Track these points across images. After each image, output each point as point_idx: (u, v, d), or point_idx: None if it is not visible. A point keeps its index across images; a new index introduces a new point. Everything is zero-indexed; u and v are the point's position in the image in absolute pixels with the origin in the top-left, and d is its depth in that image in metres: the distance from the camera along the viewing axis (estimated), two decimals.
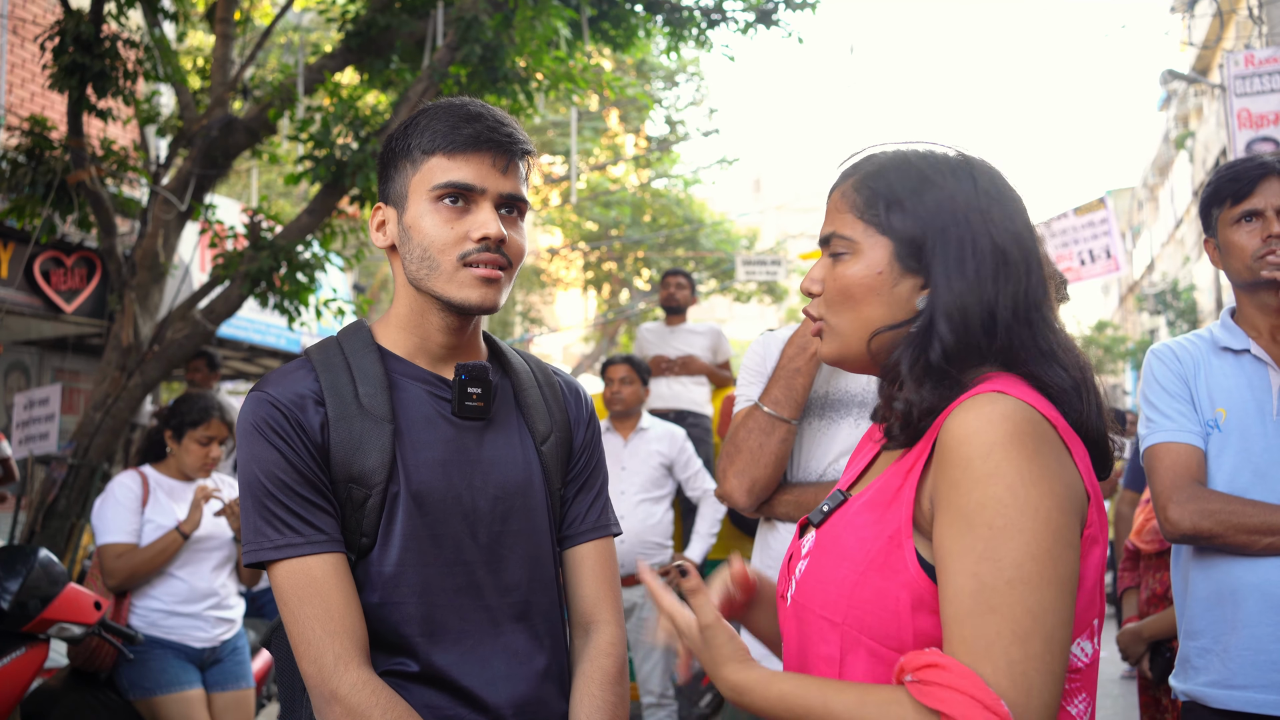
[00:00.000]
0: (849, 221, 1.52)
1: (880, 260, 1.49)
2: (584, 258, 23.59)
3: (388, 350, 1.87)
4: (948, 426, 1.38)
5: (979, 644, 1.27)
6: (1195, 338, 2.74)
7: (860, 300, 1.51)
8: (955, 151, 1.55)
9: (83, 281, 9.18)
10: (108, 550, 4.25)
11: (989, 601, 1.28)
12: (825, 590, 1.45)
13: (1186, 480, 2.53)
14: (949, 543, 1.33)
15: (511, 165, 1.82)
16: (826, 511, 1.56)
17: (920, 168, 1.51)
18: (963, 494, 1.33)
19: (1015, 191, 1.54)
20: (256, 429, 1.74)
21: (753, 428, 2.61)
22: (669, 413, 7.19)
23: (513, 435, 1.91)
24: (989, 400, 1.37)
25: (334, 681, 1.65)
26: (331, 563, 1.71)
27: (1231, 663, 2.45)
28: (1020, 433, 1.34)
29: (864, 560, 1.41)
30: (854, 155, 1.60)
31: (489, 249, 1.78)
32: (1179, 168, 27.27)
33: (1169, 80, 17.18)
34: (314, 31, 15.40)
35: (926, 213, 1.47)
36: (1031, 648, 1.27)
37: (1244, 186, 2.65)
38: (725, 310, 43.94)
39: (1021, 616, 1.28)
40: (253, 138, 7.65)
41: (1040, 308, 1.49)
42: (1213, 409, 2.59)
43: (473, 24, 6.91)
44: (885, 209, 1.49)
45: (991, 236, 1.46)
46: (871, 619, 1.39)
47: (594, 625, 1.96)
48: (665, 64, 21.07)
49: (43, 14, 9.39)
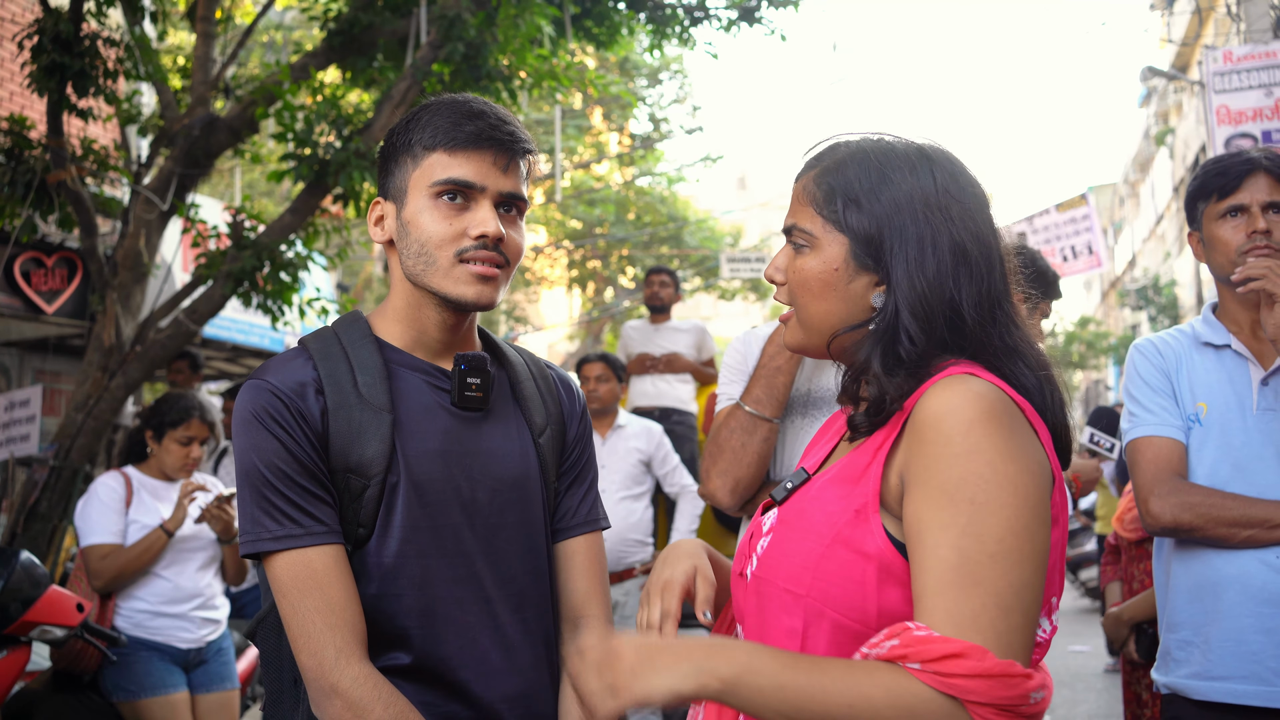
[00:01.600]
0: (809, 215, 1.55)
1: (836, 257, 1.52)
2: (568, 256, 23.56)
3: (385, 341, 1.87)
4: (922, 405, 1.40)
5: (964, 616, 1.29)
6: (1177, 333, 2.76)
7: (817, 294, 1.54)
8: (915, 144, 1.56)
9: (64, 282, 9.13)
10: (93, 551, 4.23)
11: (973, 575, 1.31)
12: (790, 563, 1.46)
13: (1168, 474, 2.56)
14: (928, 516, 1.35)
15: (512, 164, 1.83)
16: (790, 489, 1.57)
17: (880, 164, 1.52)
18: (943, 469, 1.35)
19: (977, 186, 1.55)
20: (256, 417, 1.72)
21: (735, 427, 2.60)
22: (654, 410, 7.20)
23: (510, 427, 1.92)
24: (962, 380, 1.40)
25: (335, 675, 1.65)
26: (332, 554, 1.70)
27: (1212, 654, 2.47)
28: (995, 411, 1.37)
29: (830, 534, 1.43)
30: (818, 145, 1.62)
31: (487, 246, 1.78)
32: (1160, 164, 27.39)
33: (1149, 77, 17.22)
34: (296, 30, 15.33)
35: (883, 211, 1.49)
36: (1014, 620, 1.30)
37: (1230, 181, 2.67)
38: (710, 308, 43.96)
39: (1004, 590, 1.30)
40: (235, 137, 7.61)
41: (1002, 304, 1.51)
42: (1194, 403, 2.62)
43: (455, 22, 6.89)
44: (843, 207, 1.51)
45: (950, 234, 1.48)
46: (836, 590, 1.41)
47: (585, 619, 1.97)
48: (649, 62, 21.05)
49: (21, 12, 9.34)
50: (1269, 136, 8.64)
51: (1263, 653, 2.41)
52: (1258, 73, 8.76)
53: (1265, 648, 2.41)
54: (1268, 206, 2.64)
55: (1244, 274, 2.50)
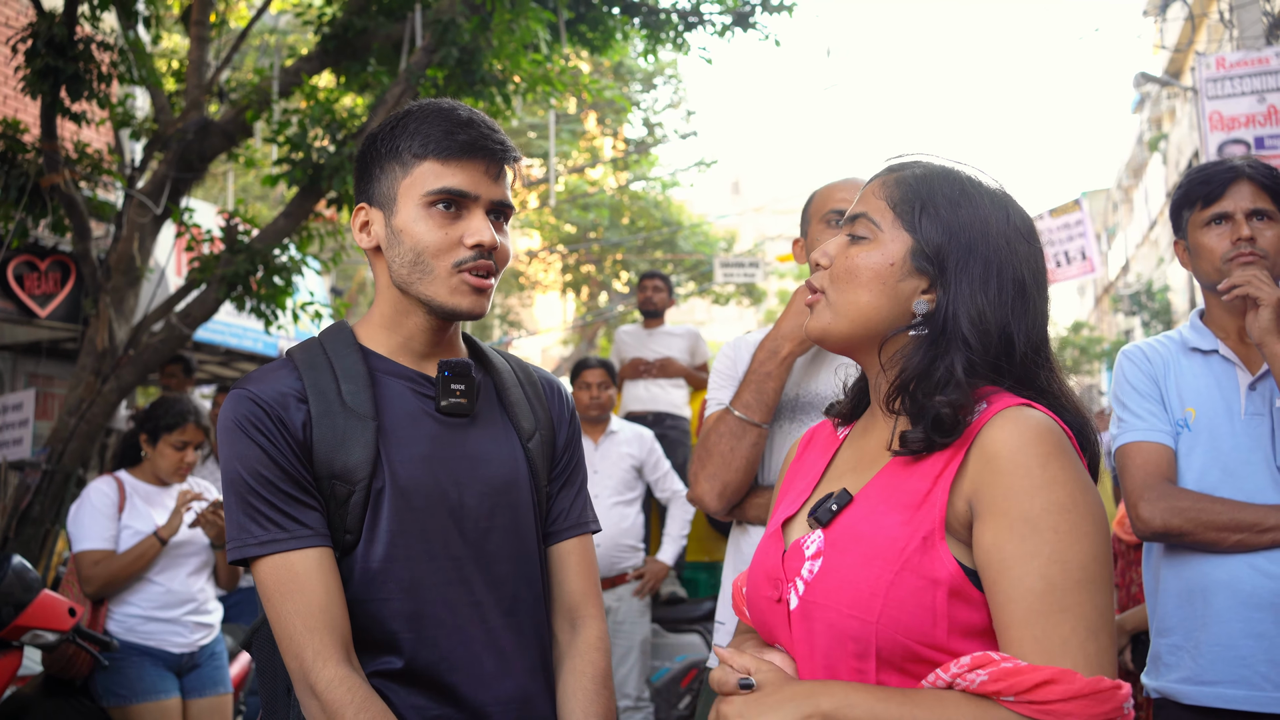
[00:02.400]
0: (880, 208, 1.59)
1: (896, 253, 1.56)
2: (562, 260, 23.56)
3: (370, 349, 1.88)
4: (993, 436, 1.44)
5: (1054, 642, 1.34)
6: (1165, 339, 2.78)
7: (864, 284, 1.56)
8: (997, 183, 1.63)
9: (57, 286, 9.11)
10: (85, 557, 4.22)
11: (1061, 602, 1.35)
12: (853, 590, 1.46)
13: (1157, 479, 2.57)
14: (1010, 547, 1.39)
15: (502, 172, 1.84)
16: (835, 510, 1.56)
17: (964, 184, 1.59)
18: (1024, 500, 1.39)
19: (1038, 240, 1.62)
20: (239, 426, 1.74)
21: (724, 432, 2.62)
22: (647, 415, 7.20)
23: (498, 432, 1.93)
24: (1028, 413, 1.45)
25: (312, 677, 1.66)
26: (314, 557, 1.71)
27: (1202, 659, 2.48)
28: (1063, 444, 1.43)
29: (898, 560, 1.44)
30: (906, 155, 1.68)
31: (482, 256, 1.80)
32: (1153, 169, 27.46)
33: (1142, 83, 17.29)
34: (290, 34, 15.32)
35: (957, 226, 1.55)
36: (1102, 641, 1.36)
37: (1214, 189, 2.69)
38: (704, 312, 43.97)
39: (1091, 614, 1.36)
40: (229, 140, 7.61)
41: (1045, 346, 1.58)
42: (1182, 408, 2.64)
43: (450, 26, 6.90)
44: (919, 209, 1.56)
45: (1014, 267, 1.54)
46: (907, 617, 1.42)
47: (580, 620, 1.98)
48: (643, 66, 21.05)
49: (15, 16, 9.33)
50: (1261, 142, 8.66)
51: (1252, 657, 2.41)
52: (1250, 79, 8.78)
53: (1255, 652, 2.41)
54: (1251, 214, 2.66)
55: (1228, 284, 2.53)
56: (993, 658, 1.34)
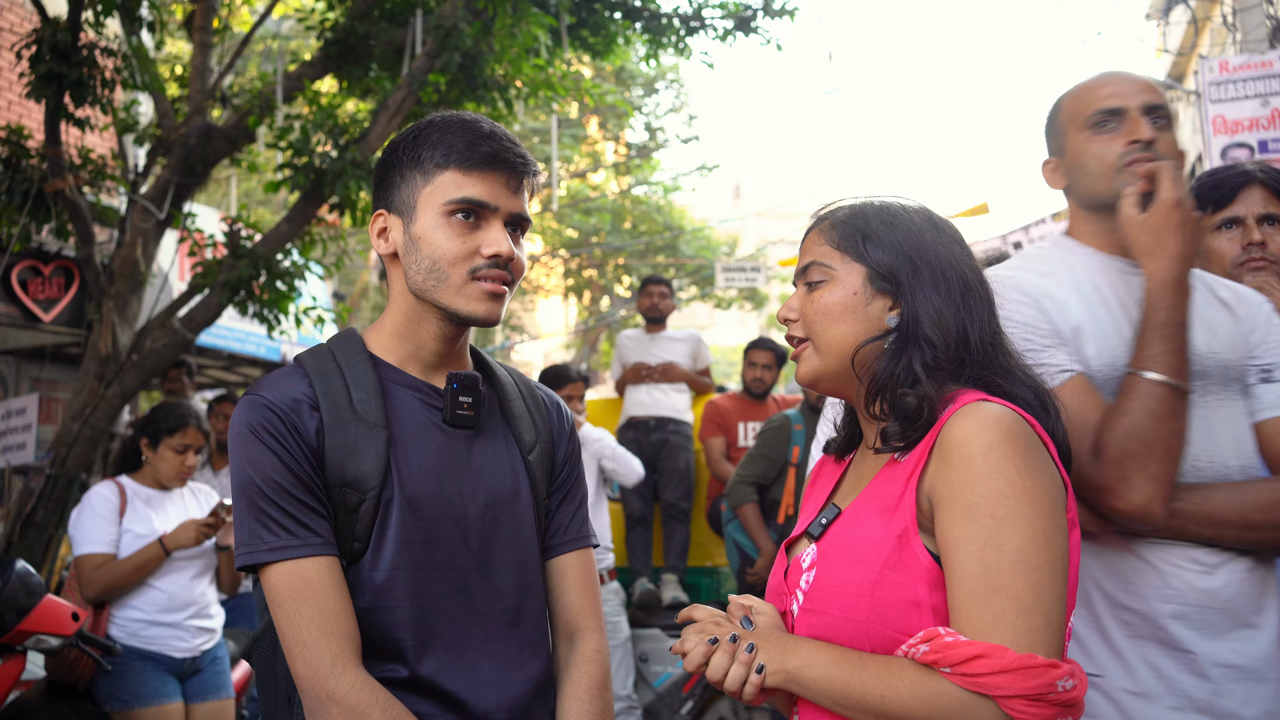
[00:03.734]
0: (826, 252, 1.74)
1: (855, 283, 1.71)
2: (564, 265, 23.57)
3: (379, 358, 1.89)
4: (947, 432, 1.56)
5: (986, 621, 1.45)
6: None
7: (838, 318, 1.70)
8: (916, 203, 1.78)
9: (61, 290, 9.13)
10: (86, 561, 4.23)
11: (995, 583, 1.47)
12: (844, 593, 1.59)
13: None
14: (955, 533, 1.51)
15: (521, 186, 1.87)
16: (825, 524, 1.70)
17: (888, 211, 1.75)
18: (966, 489, 1.51)
19: (967, 243, 1.77)
20: (252, 431, 1.75)
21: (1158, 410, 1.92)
22: (649, 420, 7.20)
23: (499, 445, 1.95)
24: (980, 407, 1.56)
25: (331, 682, 1.66)
26: (326, 565, 1.73)
27: None
28: (1012, 433, 1.53)
29: (879, 561, 1.57)
30: (827, 205, 1.84)
31: (498, 265, 1.82)
32: None
33: None
34: (293, 39, 15.36)
35: (897, 244, 1.70)
36: (1035, 620, 1.45)
37: (1225, 194, 2.70)
38: (705, 317, 43.97)
39: (1024, 594, 1.46)
40: (231, 146, 7.62)
41: (998, 335, 1.71)
42: None
43: (452, 32, 6.91)
44: (861, 240, 1.71)
45: (954, 267, 1.69)
46: (893, 611, 1.54)
47: (578, 633, 1.99)
48: (644, 71, 21.09)
49: (20, 22, 9.35)
50: (1265, 146, 8.67)
51: None
52: (1253, 82, 8.79)
53: None
54: (1262, 219, 2.66)
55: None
56: (939, 632, 1.47)
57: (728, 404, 7.10)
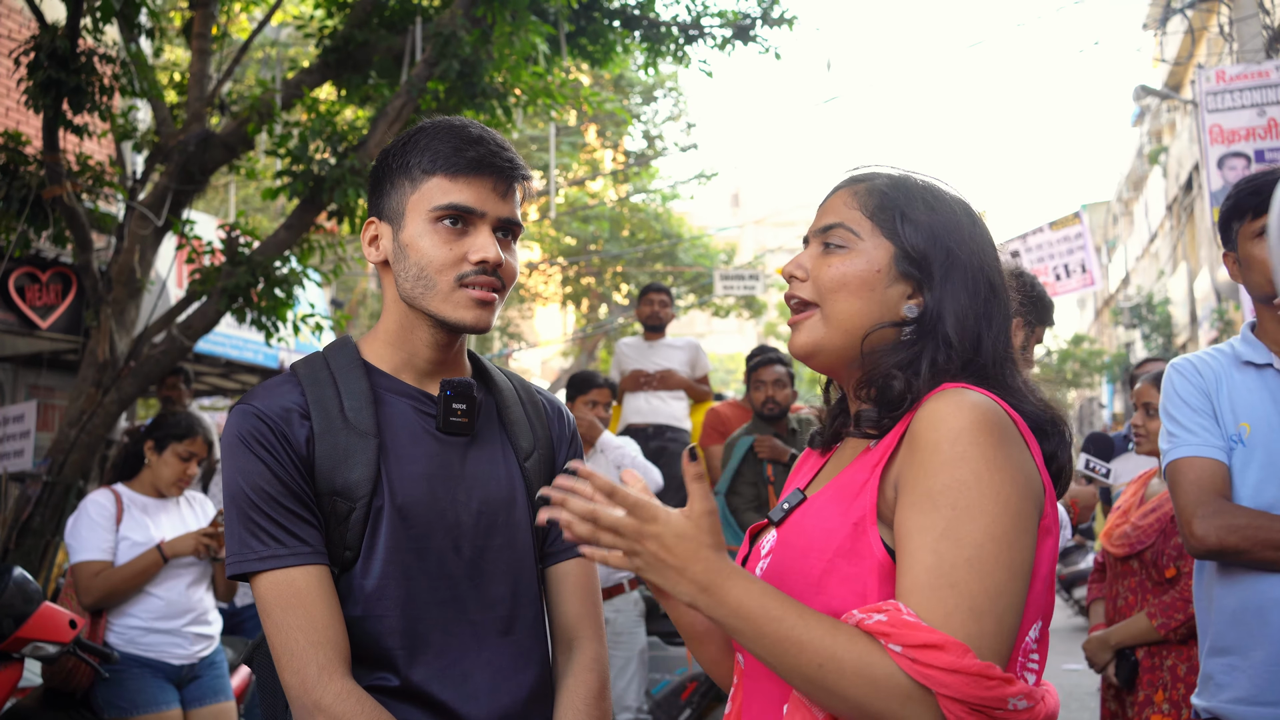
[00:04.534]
0: (856, 218, 1.59)
1: (880, 260, 1.56)
2: (562, 272, 23.57)
3: (373, 366, 1.88)
4: (918, 416, 1.45)
5: (936, 616, 1.32)
6: (1216, 351, 2.71)
7: (854, 292, 1.56)
8: (957, 191, 1.66)
9: (58, 297, 9.12)
10: (83, 569, 4.22)
11: (948, 577, 1.34)
12: (791, 582, 1.48)
13: (1211, 495, 2.49)
14: (911, 521, 1.39)
15: (510, 190, 1.85)
16: (787, 510, 1.59)
17: (930, 193, 1.62)
18: (929, 475, 1.39)
19: (994, 241, 1.65)
20: (242, 441, 1.75)
21: None
22: (647, 427, 7.20)
23: (496, 452, 1.93)
24: (956, 393, 1.45)
25: (318, 692, 1.66)
26: (315, 574, 1.72)
27: (1258, 679, 2.42)
28: (986, 421, 1.41)
29: (830, 549, 1.45)
30: (865, 165, 1.68)
31: (486, 272, 1.80)
32: (1153, 182, 27.51)
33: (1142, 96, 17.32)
34: (291, 47, 15.37)
35: (934, 232, 1.57)
36: (986, 625, 1.33)
37: (1266, 199, 2.58)
38: (704, 324, 44.03)
39: (979, 594, 1.33)
40: (230, 153, 7.62)
41: (1009, 349, 1.59)
42: (1236, 423, 2.56)
43: (451, 39, 6.92)
44: (899, 218, 1.57)
45: (986, 269, 1.58)
46: (838, 603, 1.42)
47: (576, 642, 1.97)
48: (643, 79, 21.09)
49: (18, 29, 9.36)
50: (1261, 156, 8.68)
51: None
52: (1250, 92, 8.80)
53: None
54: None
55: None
56: (899, 607, 1.33)
57: (729, 412, 7.10)
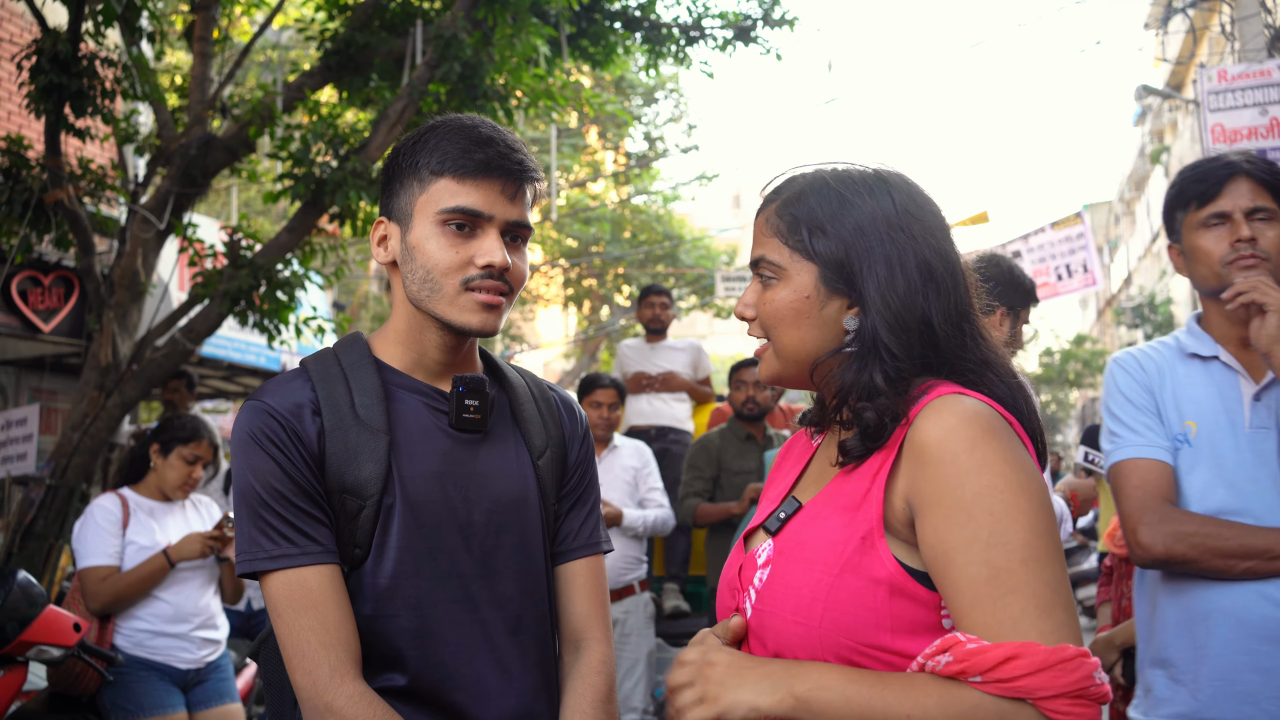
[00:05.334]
0: (774, 246, 1.58)
1: (807, 284, 1.55)
2: (564, 274, 23.58)
3: (385, 363, 1.87)
4: (920, 428, 1.43)
5: (1005, 625, 1.32)
6: (1160, 345, 2.59)
7: (791, 323, 1.56)
8: (871, 169, 1.60)
9: (61, 301, 9.13)
10: (90, 574, 4.22)
11: (1008, 583, 1.34)
12: (796, 595, 1.47)
13: (1157, 500, 2.36)
14: (949, 536, 1.37)
15: (519, 192, 1.82)
16: (784, 519, 1.57)
17: (838, 189, 1.56)
18: (955, 488, 1.38)
19: (934, 204, 1.60)
20: (253, 438, 1.73)
21: None
22: (650, 429, 7.19)
23: (509, 449, 1.92)
24: (954, 400, 1.44)
25: (329, 694, 1.65)
26: (327, 574, 1.71)
27: (1202, 693, 2.30)
28: (993, 426, 1.41)
29: (838, 563, 1.44)
30: (774, 179, 1.65)
31: (492, 276, 1.78)
32: (1155, 182, 27.50)
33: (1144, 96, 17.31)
34: (293, 50, 15.37)
35: (849, 235, 1.52)
36: (1057, 617, 1.33)
37: (1210, 188, 2.49)
38: (705, 326, 43.98)
39: (1041, 590, 1.34)
40: (232, 156, 7.63)
41: (969, 317, 1.56)
42: (1181, 422, 2.43)
43: (452, 42, 6.92)
44: (808, 234, 1.54)
45: (915, 252, 1.52)
46: (848, 620, 1.42)
47: (585, 642, 1.96)
48: (644, 81, 21.10)
49: (19, 33, 9.36)
50: (1263, 155, 8.67)
51: (1259, 693, 2.23)
52: (1252, 91, 8.79)
53: (1261, 687, 2.23)
54: (1251, 212, 2.44)
55: (1232, 292, 2.36)
56: (959, 639, 1.33)
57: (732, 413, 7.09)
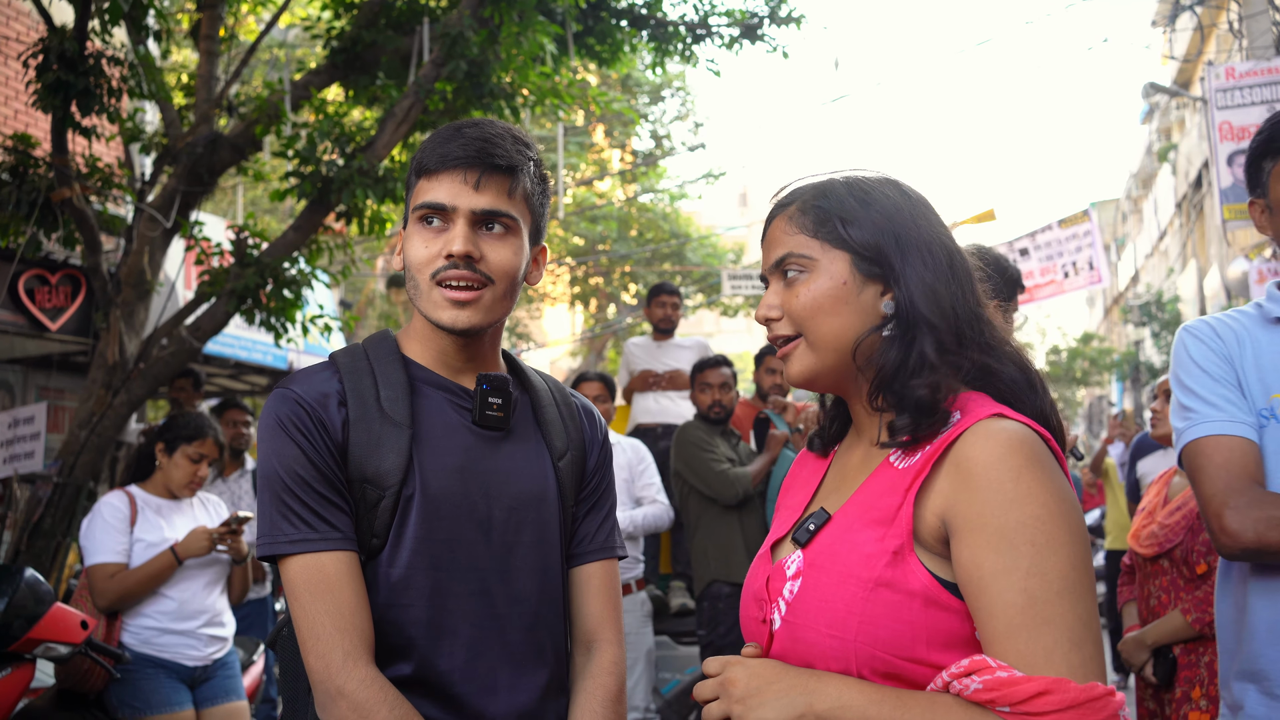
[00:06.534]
0: (802, 242, 1.60)
1: (842, 271, 1.57)
2: (571, 272, 23.58)
3: (411, 359, 1.90)
4: (964, 449, 1.44)
5: (1038, 655, 1.33)
6: (1237, 313, 2.28)
7: (830, 311, 1.56)
8: (878, 173, 1.65)
9: (67, 299, 9.14)
10: (98, 571, 4.23)
11: (1042, 614, 1.35)
12: (830, 609, 1.47)
13: (1244, 481, 2.06)
14: (988, 562, 1.38)
15: (485, 180, 1.82)
16: (813, 530, 1.57)
17: (860, 184, 1.61)
18: (999, 515, 1.39)
19: (934, 207, 1.65)
20: (280, 424, 1.77)
21: None
22: (657, 427, 7.19)
23: (530, 449, 1.94)
24: (998, 425, 1.45)
25: (341, 678, 1.67)
26: (345, 560, 1.73)
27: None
28: (1038, 455, 1.42)
29: (870, 577, 1.45)
30: (784, 188, 1.69)
31: (457, 266, 1.80)
32: (1162, 180, 27.43)
33: (1151, 93, 17.26)
34: (299, 48, 15.39)
35: (878, 222, 1.57)
36: (1087, 651, 1.35)
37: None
38: (712, 324, 44.01)
39: (1074, 624, 1.35)
40: (238, 154, 7.63)
41: (981, 307, 1.60)
42: (1266, 395, 2.14)
43: (458, 40, 6.92)
44: (840, 224, 1.57)
45: (937, 238, 1.58)
46: (884, 632, 1.42)
47: (596, 644, 1.98)
48: (651, 79, 21.10)
49: (26, 31, 9.37)
50: None
51: None
52: (1260, 89, 8.78)
53: None
54: None
55: None
56: (989, 664, 1.34)
57: (740, 410, 7.09)
